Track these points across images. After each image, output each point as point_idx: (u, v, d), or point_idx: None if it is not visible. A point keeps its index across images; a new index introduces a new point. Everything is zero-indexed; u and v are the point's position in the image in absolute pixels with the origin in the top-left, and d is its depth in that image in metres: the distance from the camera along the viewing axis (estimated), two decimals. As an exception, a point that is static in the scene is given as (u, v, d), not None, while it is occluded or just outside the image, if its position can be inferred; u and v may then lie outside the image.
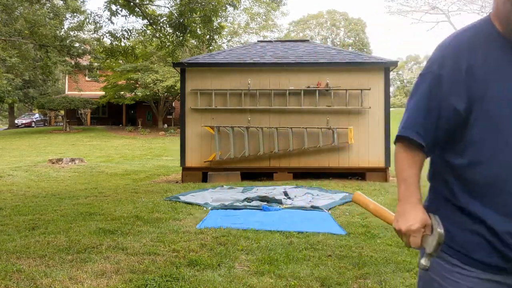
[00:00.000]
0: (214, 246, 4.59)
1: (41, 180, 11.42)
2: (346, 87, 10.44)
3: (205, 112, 10.65)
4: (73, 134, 30.67)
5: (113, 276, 3.68)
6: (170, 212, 6.39)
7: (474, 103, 1.37)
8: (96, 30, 10.95)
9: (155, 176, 12.35)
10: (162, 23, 10.57)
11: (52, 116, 41.32)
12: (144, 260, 4.09)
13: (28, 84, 36.72)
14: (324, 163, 10.52)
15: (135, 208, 6.71)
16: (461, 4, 40.19)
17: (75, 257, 4.21)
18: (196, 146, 10.64)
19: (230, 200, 7.31)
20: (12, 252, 4.37)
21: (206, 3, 9.79)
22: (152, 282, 3.53)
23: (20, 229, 5.47)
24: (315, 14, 66.43)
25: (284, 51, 11.69)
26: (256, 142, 10.40)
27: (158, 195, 8.04)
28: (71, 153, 20.37)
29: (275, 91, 10.55)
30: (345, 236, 4.99)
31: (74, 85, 36.19)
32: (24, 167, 14.15)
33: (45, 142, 25.88)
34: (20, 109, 52.17)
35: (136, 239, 4.85)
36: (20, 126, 41.03)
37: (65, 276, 3.67)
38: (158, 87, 28.82)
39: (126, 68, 29.38)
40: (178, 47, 11.02)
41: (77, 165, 14.51)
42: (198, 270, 3.86)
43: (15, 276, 3.68)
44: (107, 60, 13.82)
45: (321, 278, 3.63)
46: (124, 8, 10.04)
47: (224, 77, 10.73)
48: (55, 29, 19.73)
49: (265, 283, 3.54)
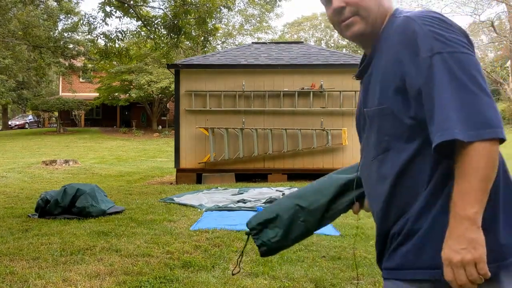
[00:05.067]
0: (208, 247, 4.58)
1: (34, 181, 11.36)
2: (340, 89, 10.47)
3: (200, 113, 10.64)
4: (67, 135, 30.54)
5: (106, 278, 3.67)
6: (164, 214, 6.38)
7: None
8: (90, 32, 10.91)
9: (149, 177, 12.33)
10: (156, 25, 10.56)
11: (45, 118, 41.13)
12: (138, 262, 4.09)
13: (21, 85, 36.52)
14: (318, 164, 10.55)
15: (129, 210, 6.70)
16: (454, 7, 40.47)
17: (68, 259, 4.19)
18: (190, 148, 10.63)
19: (225, 202, 7.31)
20: (5, 254, 4.35)
21: (201, 5, 9.79)
22: (146, 284, 3.53)
23: (13, 231, 5.45)
24: (309, 16, 66.49)
25: (279, 53, 11.71)
26: (250, 143, 10.41)
27: (153, 197, 8.03)
28: (65, 154, 20.29)
29: (270, 93, 10.57)
30: (339, 237, 5.01)
31: (68, 87, 36.06)
32: (17, 168, 14.08)
33: (39, 144, 25.75)
34: (13, 110, 51.91)
35: (130, 241, 4.84)
36: (14, 127, 40.82)
37: (58, 278, 3.66)
38: (152, 88, 28.75)
39: (120, 70, 29.30)
40: (173, 48, 11.02)
41: (71, 167, 14.46)
42: (192, 271, 3.86)
43: (8, 278, 3.67)
44: (101, 61, 13.77)
45: (315, 279, 3.64)
46: (118, 10, 10.02)
47: (219, 79, 10.74)
48: (49, 30, 19.68)
49: (259, 284, 3.54)
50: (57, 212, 6.19)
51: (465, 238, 1.13)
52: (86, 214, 6.12)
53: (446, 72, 1.18)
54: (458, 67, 1.18)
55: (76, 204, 6.17)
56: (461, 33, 1.25)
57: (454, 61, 1.19)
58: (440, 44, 1.21)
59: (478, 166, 1.13)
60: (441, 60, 1.19)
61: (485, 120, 1.14)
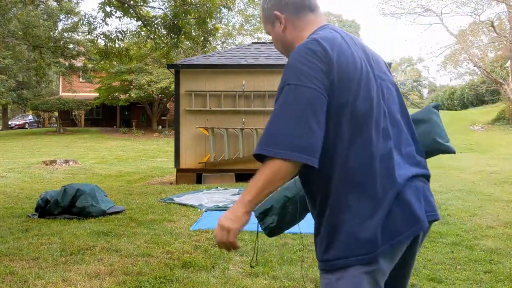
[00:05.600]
0: (208, 247, 4.58)
1: (34, 181, 11.36)
2: (340, 89, 10.46)
3: (200, 113, 10.64)
4: (67, 135, 30.53)
5: (106, 278, 3.67)
6: (164, 214, 6.38)
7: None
8: (90, 32, 10.89)
9: (149, 177, 12.32)
10: (156, 25, 10.55)
11: (45, 118, 41.13)
12: (138, 262, 4.09)
13: (21, 85, 36.53)
14: (318, 164, 10.53)
15: (129, 210, 6.70)
16: (454, 7, 40.44)
17: (68, 259, 4.19)
18: (190, 148, 10.63)
19: (225, 202, 7.31)
20: (5, 254, 4.35)
21: (201, 5, 9.79)
22: (146, 284, 3.53)
23: (13, 231, 5.45)
24: (309, 15, 66.50)
25: (279, 53, 11.70)
26: (250, 143, 10.41)
27: (153, 197, 8.03)
28: (65, 154, 20.29)
29: (269, 93, 10.57)
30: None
31: (68, 87, 36.09)
32: (17, 168, 14.08)
33: (39, 144, 25.74)
34: (13, 110, 51.91)
35: (130, 241, 4.84)
36: (14, 127, 40.83)
37: (58, 278, 3.66)
38: (152, 88, 28.75)
39: (120, 70, 29.29)
40: (173, 48, 11.00)
41: (71, 167, 14.46)
42: (192, 271, 3.86)
43: (8, 278, 3.67)
44: (101, 61, 13.75)
45: (315, 279, 3.64)
46: (118, 10, 10.01)
47: (219, 79, 10.74)
48: (49, 30, 19.68)
49: (259, 284, 3.54)
50: (57, 212, 6.20)
51: (235, 213, 1.50)
52: (86, 214, 6.13)
53: (281, 100, 1.49)
54: (293, 98, 1.46)
55: (76, 204, 6.18)
56: (322, 61, 1.48)
57: (294, 93, 1.46)
58: (291, 76, 1.49)
59: (264, 172, 1.45)
60: (286, 90, 1.48)
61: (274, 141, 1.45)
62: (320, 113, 1.44)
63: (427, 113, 1.88)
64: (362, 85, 1.51)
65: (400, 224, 1.49)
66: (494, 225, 5.58)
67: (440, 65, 60.61)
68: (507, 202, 7.19)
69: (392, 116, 1.61)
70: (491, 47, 33.65)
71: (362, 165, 1.49)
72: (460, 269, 3.88)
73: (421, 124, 1.82)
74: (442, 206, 6.86)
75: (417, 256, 1.68)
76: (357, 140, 1.49)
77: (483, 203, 7.10)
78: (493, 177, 10.43)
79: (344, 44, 1.57)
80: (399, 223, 1.48)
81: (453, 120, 30.85)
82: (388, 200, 1.48)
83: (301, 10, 1.70)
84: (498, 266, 3.95)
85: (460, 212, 6.38)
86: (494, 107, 32.67)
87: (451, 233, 5.13)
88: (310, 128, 1.43)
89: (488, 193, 8.11)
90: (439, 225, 5.53)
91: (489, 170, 11.93)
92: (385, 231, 1.47)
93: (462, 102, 43.21)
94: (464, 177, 10.65)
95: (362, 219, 1.47)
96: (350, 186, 1.49)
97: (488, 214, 6.21)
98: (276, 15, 1.71)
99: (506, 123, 27.25)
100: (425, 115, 1.87)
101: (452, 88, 46.65)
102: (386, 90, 1.63)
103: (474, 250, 4.45)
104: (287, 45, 1.74)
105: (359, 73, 1.52)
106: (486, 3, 27.60)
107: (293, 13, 1.70)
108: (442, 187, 8.99)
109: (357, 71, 1.52)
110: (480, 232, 5.21)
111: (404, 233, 1.49)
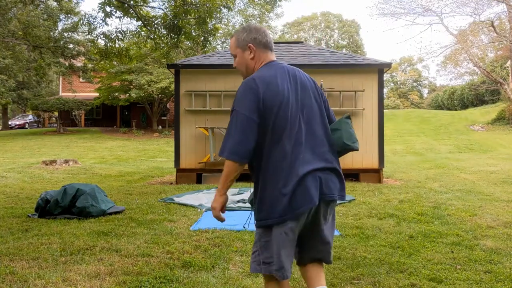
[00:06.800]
0: (208, 247, 4.59)
1: (34, 181, 11.36)
2: (340, 89, 10.47)
3: (200, 113, 10.65)
4: (67, 135, 30.55)
5: (106, 278, 3.67)
6: (164, 214, 6.39)
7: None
8: (90, 32, 10.89)
9: (149, 177, 12.32)
10: (156, 25, 10.56)
11: (46, 118, 41.16)
12: (138, 262, 4.09)
13: (21, 85, 36.56)
14: (318, 164, 10.52)
15: (129, 210, 6.70)
16: (454, 7, 40.41)
17: (68, 259, 4.20)
18: (190, 148, 10.63)
19: (225, 202, 7.30)
20: (5, 254, 4.36)
21: (201, 5, 9.79)
22: (146, 284, 3.53)
23: (13, 231, 5.45)
24: (309, 16, 66.57)
25: (279, 53, 11.70)
26: (250, 143, 10.40)
27: (153, 197, 8.03)
28: (65, 154, 20.30)
29: (270, 93, 10.56)
30: (339, 237, 5.01)
31: (68, 87, 36.09)
32: (17, 168, 14.08)
33: (39, 144, 25.76)
34: (13, 110, 51.94)
35: (130, 241, 4.84)
36: (14, 127, 40.86)
37: (58, 278, 3.66)
38: (152, 88, 28.77)
39: (120, 70, 29.31)
40: (173, 48, 11.01)
41: (71, 167, 14.46)
42: (192, 271, 3.86)
43: (8, 278, 3.67)
44: (101, 61, 13.76)
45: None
46: (118, 10, 10.02)
47: (219, 79, 10.74)
48: (49, 30, 19.67)
49: (260, 284, 3.54)
50: (57, 212, 6.20)
51: (215, 198, 2.43)
52: (86, 214, 6.13)
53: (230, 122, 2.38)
54: (235, 120, 2.35)
55: (76, 204, 6.18)
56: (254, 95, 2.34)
57: (237, 116, 2.36)
58: (236, 104, 2.38)
59: (224, 169, 2.37)
60: (233, 114, 2.38)
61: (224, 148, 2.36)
62: (252, 130, 2.30)
63: (340, 124, 2.57)
64: (282, 109, 2.33)
65: (300, 201, 2.32)
66: (494, 225, 5.58)
67: (440, 65, 60.61)
68: (507, 202, 7.20)
69: (310, 128, 2.42)
70: (491, 47, 33.67)
71: (278, 160, 2.33)
72: (460, 269, 3.88)
73: (335, 131, 2.54)
74: (442, 206, 6.86)
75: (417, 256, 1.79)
76: (276, 145, 2.34)
77: (483, 203, 7.11)
78: (493, 177, 10.44)
79: (274, 80, 2.37)
80: (299, 200, 2.32)
81: (453, 120, 30.87)
82: (293, 184, 2.31)
83: (266, 48, 2.55)
84: (498, 266, 3.95)
85: (460, 212, 6.38)
86: (494, 107, 32.70)
87: (451, 233, 5.13)
88: (247, 140, 2.30)
89: (488, 193, 8.11)
90: (439, 225, 5.54)
91: (489, 170, 11.94)
92: (291, 205, 2.31)
93: (462, 102, 43.23)
94: (464, 177, 10.65)
95: (277, 195, 2.32)
96: (271, 173, 2.35)
97: (488, 214, 6.21)
98: (250, 47, 2.52)
99: (506, 123, 27.27)
100: (338, 125, 2.56)
101: (452, 88, 46.68)
102: (306, 110, 2.43)
103: (474, 250, 4.45)
104: (249, 68, 2.55)
105: (280, 100, 2.33)
106: (486, 3, 27.61)
107: (261, 49, 2.54)
108: (442, 187, 9.00)
109: (278, 99, 2.33)
110: (480, 232, 5.21)
111: (302, 207, 2.32)
